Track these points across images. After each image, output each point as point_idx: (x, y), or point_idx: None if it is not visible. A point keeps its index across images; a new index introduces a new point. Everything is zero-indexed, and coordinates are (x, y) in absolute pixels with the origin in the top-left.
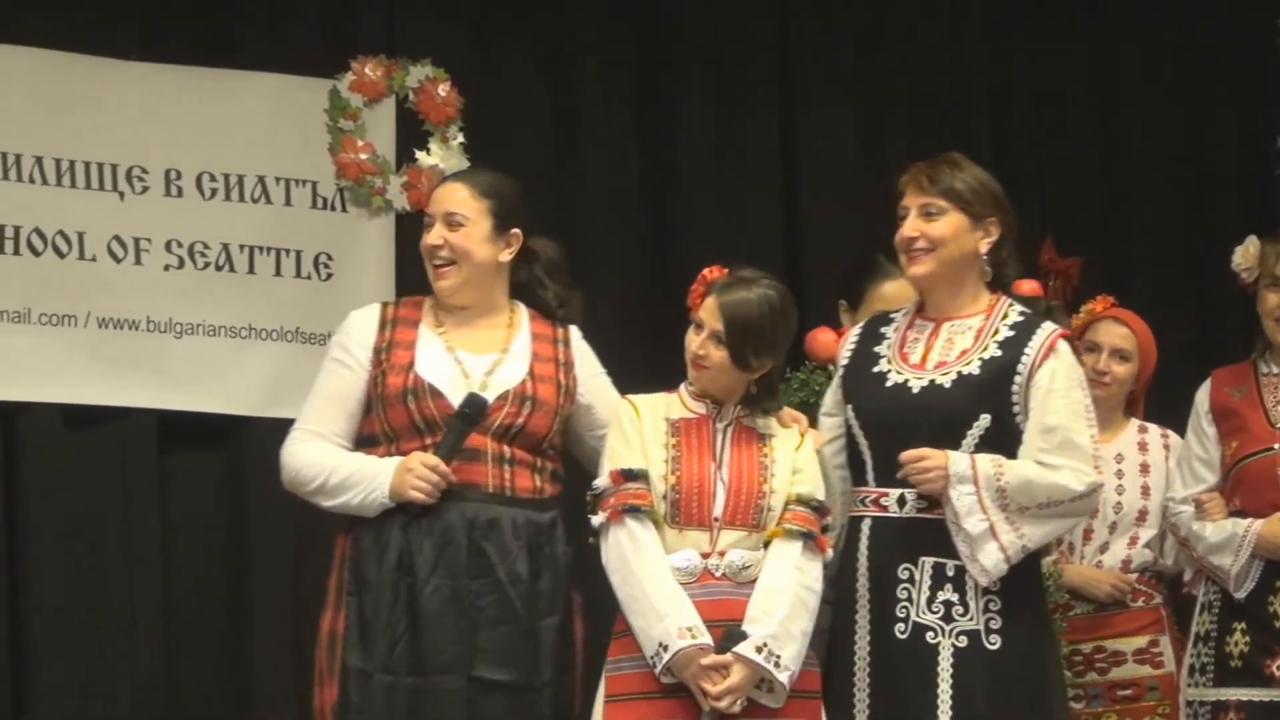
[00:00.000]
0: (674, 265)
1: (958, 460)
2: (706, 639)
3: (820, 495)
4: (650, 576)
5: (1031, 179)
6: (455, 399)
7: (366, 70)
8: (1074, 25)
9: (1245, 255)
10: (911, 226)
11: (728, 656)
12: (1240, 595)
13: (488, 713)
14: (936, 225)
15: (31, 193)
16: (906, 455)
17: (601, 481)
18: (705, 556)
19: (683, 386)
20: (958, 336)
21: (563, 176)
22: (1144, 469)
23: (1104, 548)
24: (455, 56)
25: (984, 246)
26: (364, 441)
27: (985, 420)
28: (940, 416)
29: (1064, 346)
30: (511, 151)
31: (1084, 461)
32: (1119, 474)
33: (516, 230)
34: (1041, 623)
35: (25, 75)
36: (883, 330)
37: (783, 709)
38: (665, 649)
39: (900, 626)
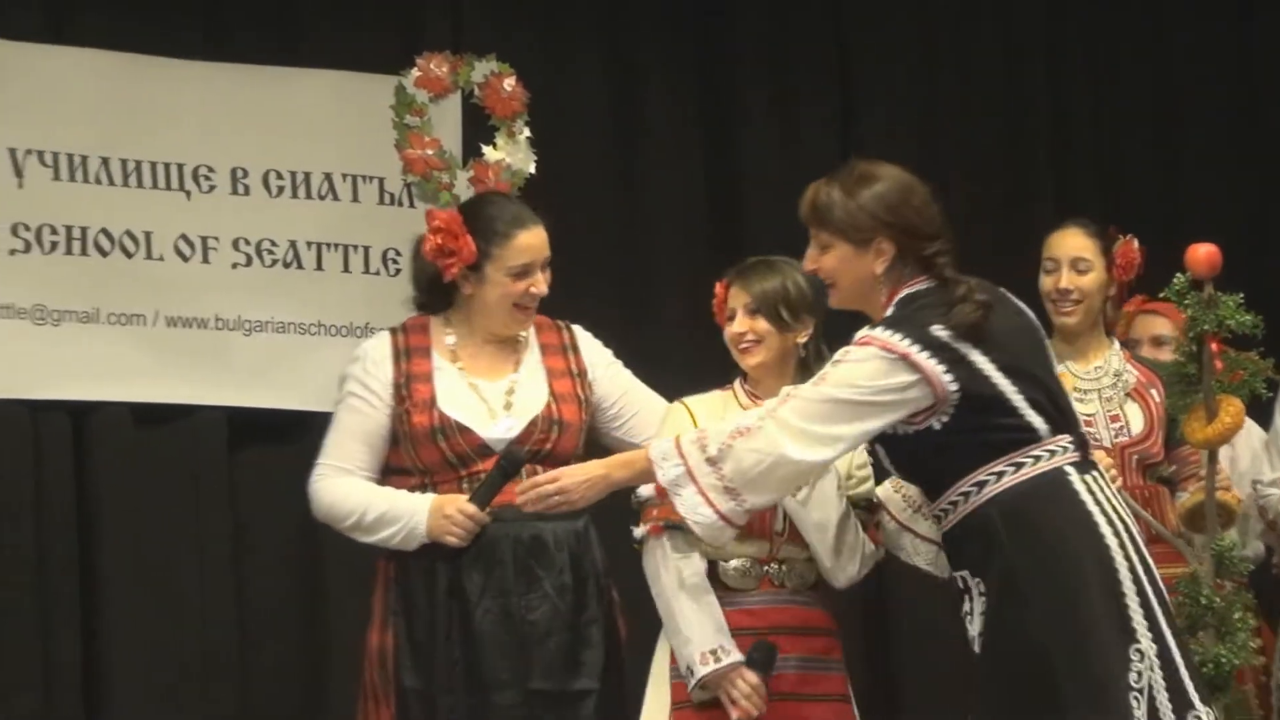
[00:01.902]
0: (739, 260)
1: None
2: (733, 657)
3: (871, 493)
4: (676, 598)
5: (1089, 169)
6: (482, 432)
7: (432, 66)
8: (1132, 45)
9: None
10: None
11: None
12: None
13: None
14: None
15: (99, 193)
16: None
17: (646, 490)
18: (764, 563)
19: (738, 384)
20: None
21: (626, 170)
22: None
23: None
24: (520, 52)
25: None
26: (391, 471)
27: None
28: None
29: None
30: (576, 146)
31: None
32: None
33: None
34: (1027, 616)
35: (91, 77)
36: None
37: (816, 712)
38: (692, 673)
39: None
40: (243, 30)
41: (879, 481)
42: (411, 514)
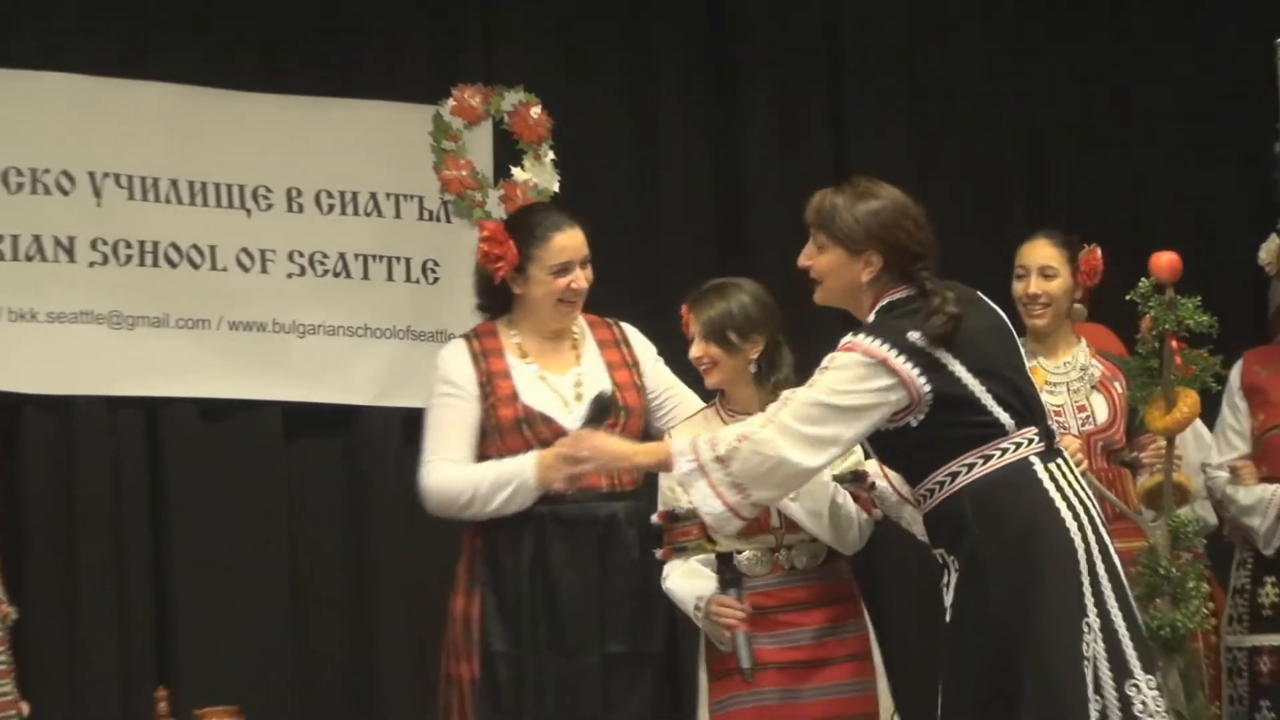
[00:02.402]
0: (744, 266)
1: None
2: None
3: (858, 465)
4: (686, 601)
5: (1056, 182)
6: (562, 421)
7: (466, 96)
8: (1097, 64)
9: (1268, 251)
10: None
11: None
12: (1269, 552)
13: (618, 682)
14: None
15: (168, 211)
16: None
17: (655, 520)
18: (773, 551)
19: (718, 400)
20: None
21: (643, 188)
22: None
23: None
24: (546, 83)
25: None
26: (482, 461)
27: None
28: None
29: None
30: (596, 167)
31: None
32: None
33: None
34: (1004, 589)
35: (162, 108)
36: None
37: (830, 674)
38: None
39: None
40: (296, 65)
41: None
42: (519, 472)
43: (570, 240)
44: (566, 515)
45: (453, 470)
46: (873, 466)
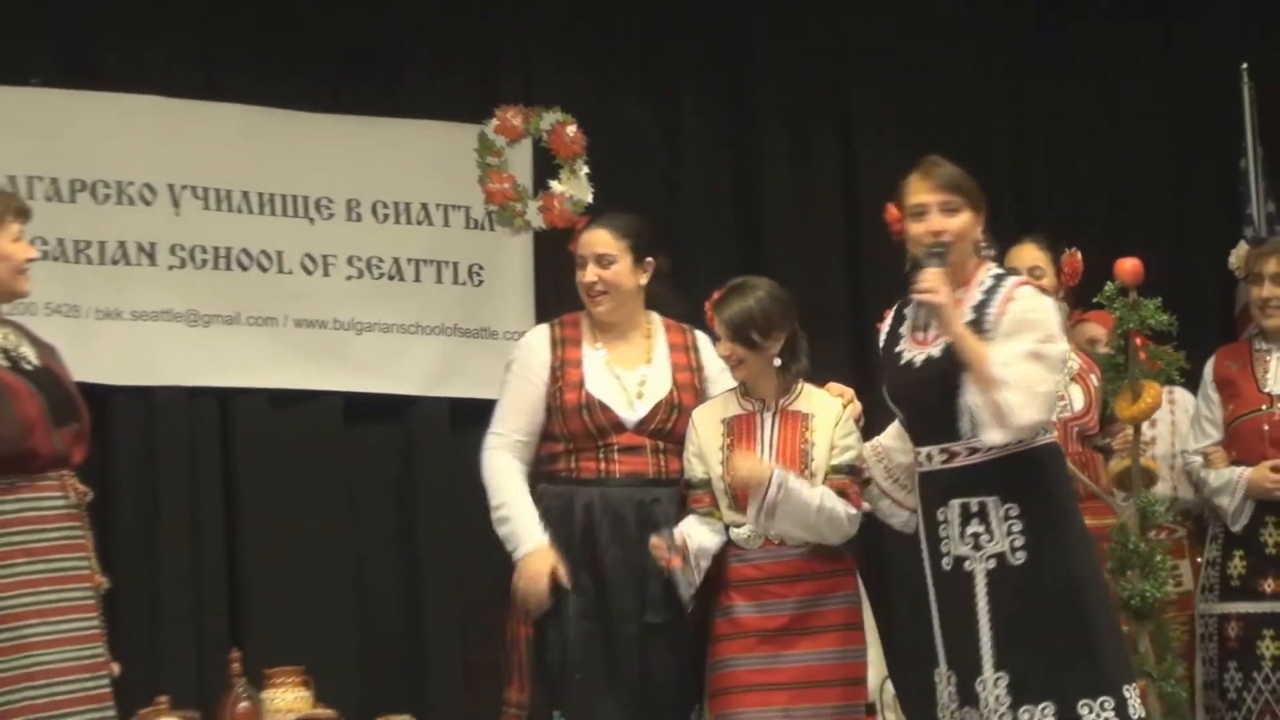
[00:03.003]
0: (761, 266)
1: None
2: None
3: (855, 459)
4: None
5: (1043, 192)
6: (619, 411)
7: (508, 116)
8: (1082, 85)
9: (1237, 257)
10: (946, 225)
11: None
12: (1236, 528)
13: (653, 649)
14: (959, 222)
15: (240, 220)
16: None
17: (680, 490)
18: None
19: (737, 387)
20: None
21: (668, 198)
22: (1171, 428)
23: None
24: (580, 104)
25: (979, 233)
26: (545, 437)
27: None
28: (935, 384)
29: (1025, 291)
30: (626, 180)
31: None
32: (1152, 427)
33: (650, 259)
34: (1064, 537)
35: (234, 126)
36: (904, 312)
37: (809, 642)
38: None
39: (945, 560)
40: (355, 88)
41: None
42: (516, 546)
43: (586, 236)
44: (613, 497)
45: (499, 468)
46: (868, 450)
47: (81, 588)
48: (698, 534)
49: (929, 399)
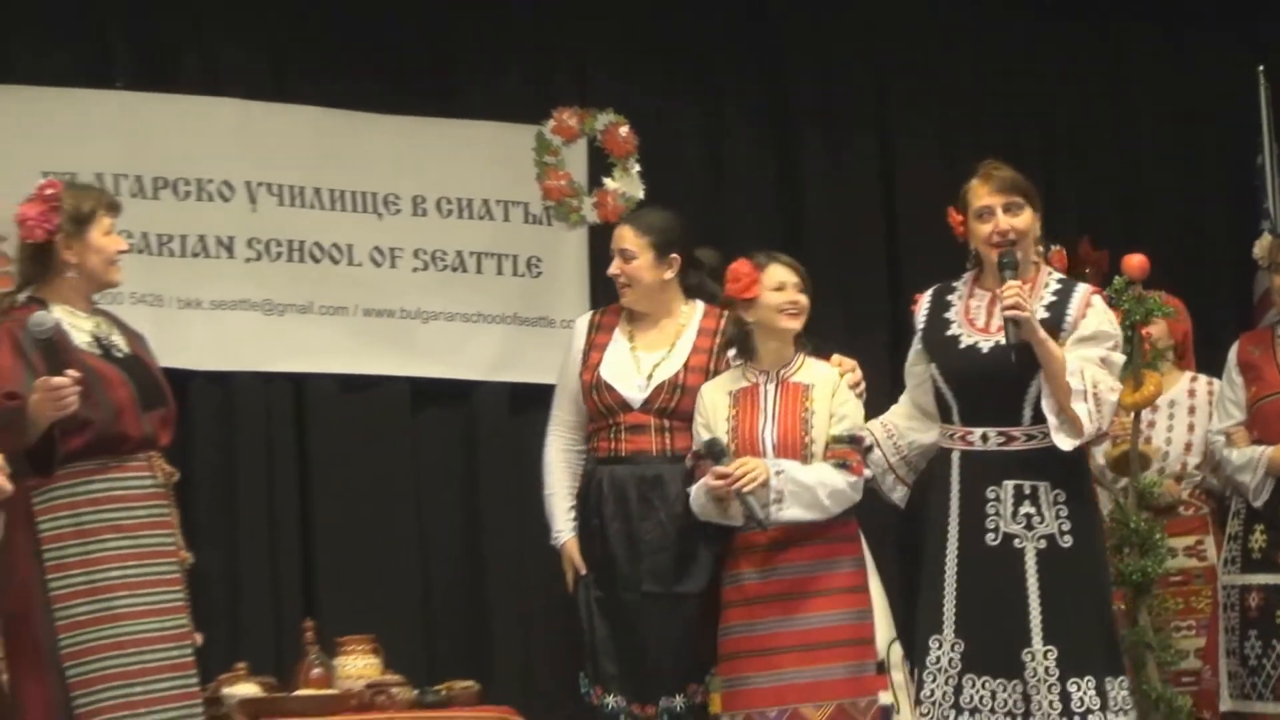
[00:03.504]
0: (801, 260)
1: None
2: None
3: (856, 428)
4: (697, 500)
5: (1067, 189)
6: (623, 391)
7: (564, 117)
8: (1104, 89)
9: (1261, 248)
10: (1012, 223)
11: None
12: (1258, 504)
13: (653, 617)
14: (1022, 220)
15: (312, 215)
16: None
17: (688, 461)
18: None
19: (744, 362)
20: None
21: (713, 196)
22: (1191, 411)
23: (1160, 472)
24: (632, 106)
25: (1038, 229)
26: (587, 418)
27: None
28: (1009, 370)
29: (1099, 301)
30: (674, 177)
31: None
32: (1170, 417)
33: (675, 255)
34: (1098, 523)
35: (307, 127)
36: (949, 299)
37: (815, 604)
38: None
39: (991, 536)
40: (421, 91)
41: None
42: (552, 525)
43: (615, 233)
44: (618, 475)
45: (552, 459)
46: (875, 427)
47: (167, 562)
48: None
49: (994, 384)
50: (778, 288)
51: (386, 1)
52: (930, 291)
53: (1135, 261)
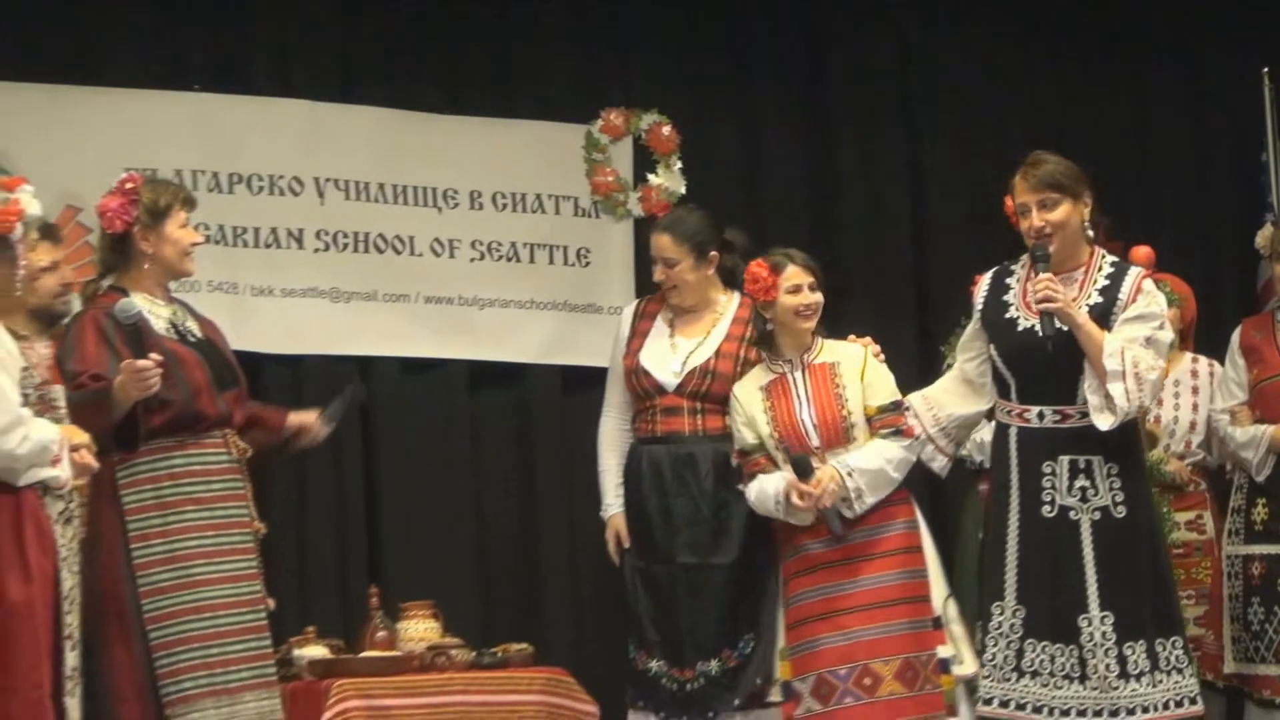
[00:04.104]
0: (833, 255)
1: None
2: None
3: (895, 395)
4: (768, 502)
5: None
6: (659, 377)
7: (611, 117)
8: (1122, 91)
9: (1263, 237)
10: (1046, 219)
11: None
12: (1260, 478)
13: (689, 586)
14: (1058, 214)
15: (377, 209)
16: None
17: (734, 460)
18: None
19: (766, 355)
20: (1067, 287)
21: (750, 191)
22: (1194, 391)
23: (1165, 449)
24: (674, 106)
25: (1086, 214)
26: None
27: None
28: (1068, 353)
29: (1149, 284)
30: (713, 174)
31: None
32: (1175, 396)
33: (713, 252)
34: (1149, 493)
35: (371, 127)
36: (1007, 281)
37: (870, 567)
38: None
39: (1047, 508)
40: (475, 93)
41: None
42: (604, 499)
43: (655, 243)
44: (655, 454)
45: (599, 444)
46: (915, 400)
47: (242, 533)
48: (771, 485)
49: (1051, 365)
50: (793, 290)
51: (447, 10)
52: (990, 273)
53: (1142, 252)
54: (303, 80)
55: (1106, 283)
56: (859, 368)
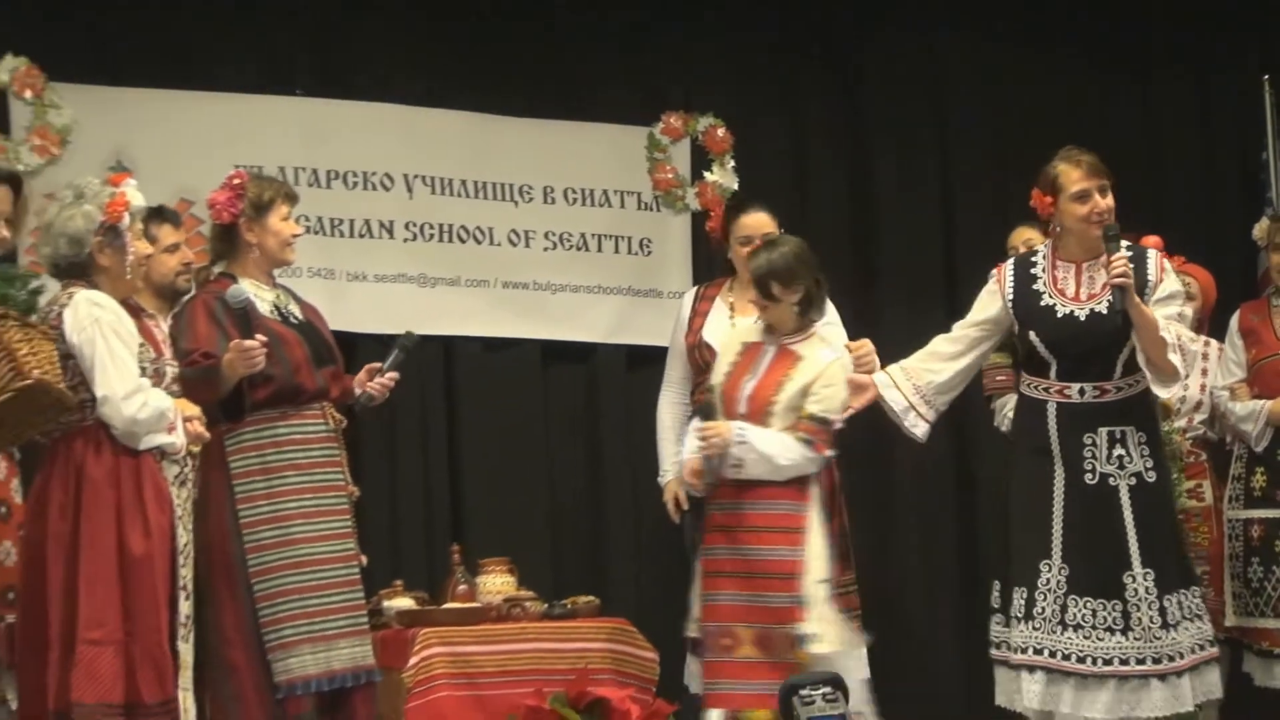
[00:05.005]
0: (872, 253)
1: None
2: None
3: (830, 414)
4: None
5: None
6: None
7: (672, 120)
8: (1133, 96)
9: (1260, 229)
10: (1106, 203)
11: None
12: (1259, 449)
13: None
14: (1110, 199)
15: (460, 203)
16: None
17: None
18: None
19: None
20: (1096, 274)
21: (796, 189)
22: (1203, 371)
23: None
24: (728, 110)
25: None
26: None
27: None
28: (1104, 336)
29: (1167, 264)
30: (763, 173)
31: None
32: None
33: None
34: (1167, 461)
35: (455, 129)
36: (1032, 271)
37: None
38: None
39: (1089, 475)
40: (548, 98)
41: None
42: (661, 474)
43: (754, 220)
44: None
45: (658, 416)
46: (893, 371)
47: (338, 495)
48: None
49: (1094, 346)
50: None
51: (524, 23)
52: (1011, 264)
53: (1152, 241)
54: (395, 86)
55: (1132, 265)
56: (815, 374)
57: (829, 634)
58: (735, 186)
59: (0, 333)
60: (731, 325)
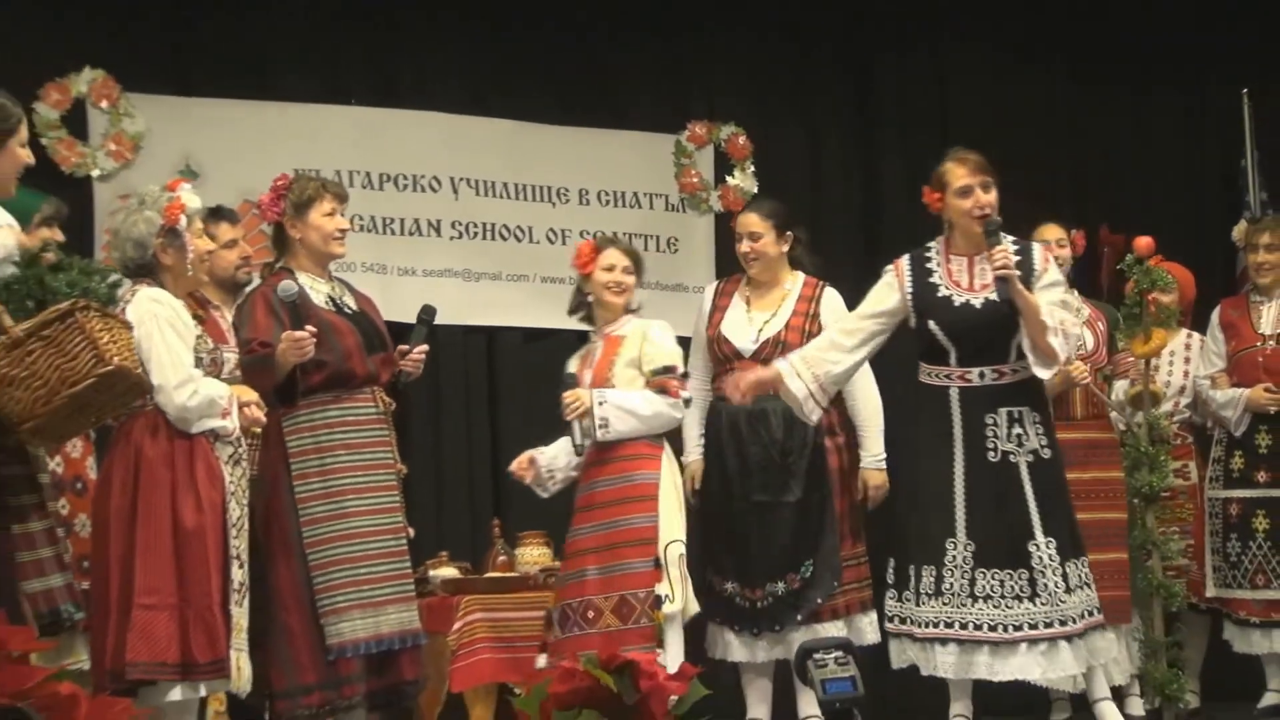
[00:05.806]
0: (880, 257)
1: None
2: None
3: (668, 362)
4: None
5: (1094, 186)
6: (737, 344)
7: (696, 128)
8: (1122, 107)
9: (1239, 231)
10: (988, 198)
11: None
12: (1238, 434)
13: (760, 520)
14: (993, 195)
15: (502, 204)
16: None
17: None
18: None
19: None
20: (986, 266)
21: (810, 194)
22: (1187, 361)
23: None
24: (749, 119)
25: None
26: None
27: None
28: (997, 322)
29: (1049, 255)
30: (779, 179)
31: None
32: (1170, 364)
33: (790, 232)
34: (1057, 441)
35: (498, 135)
36: (928, 265)
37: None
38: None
39: (991, 454)
40: (584, 107)
41: None
42: (684, 457)
43: (742, 219)
44: (731, 410)
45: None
46: (794, 360)
47: (387, 473)
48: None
49: (990, 332)
50: (608, 268)
51: (561, 39)
52: (906, 259)
53: (1144, 242)
54: (442, 96)
55: (1018, 257)
56: (638, 340)
57: (677, 594)
58: (755, 190)
59: (83, 322)
60: (748, 319)
